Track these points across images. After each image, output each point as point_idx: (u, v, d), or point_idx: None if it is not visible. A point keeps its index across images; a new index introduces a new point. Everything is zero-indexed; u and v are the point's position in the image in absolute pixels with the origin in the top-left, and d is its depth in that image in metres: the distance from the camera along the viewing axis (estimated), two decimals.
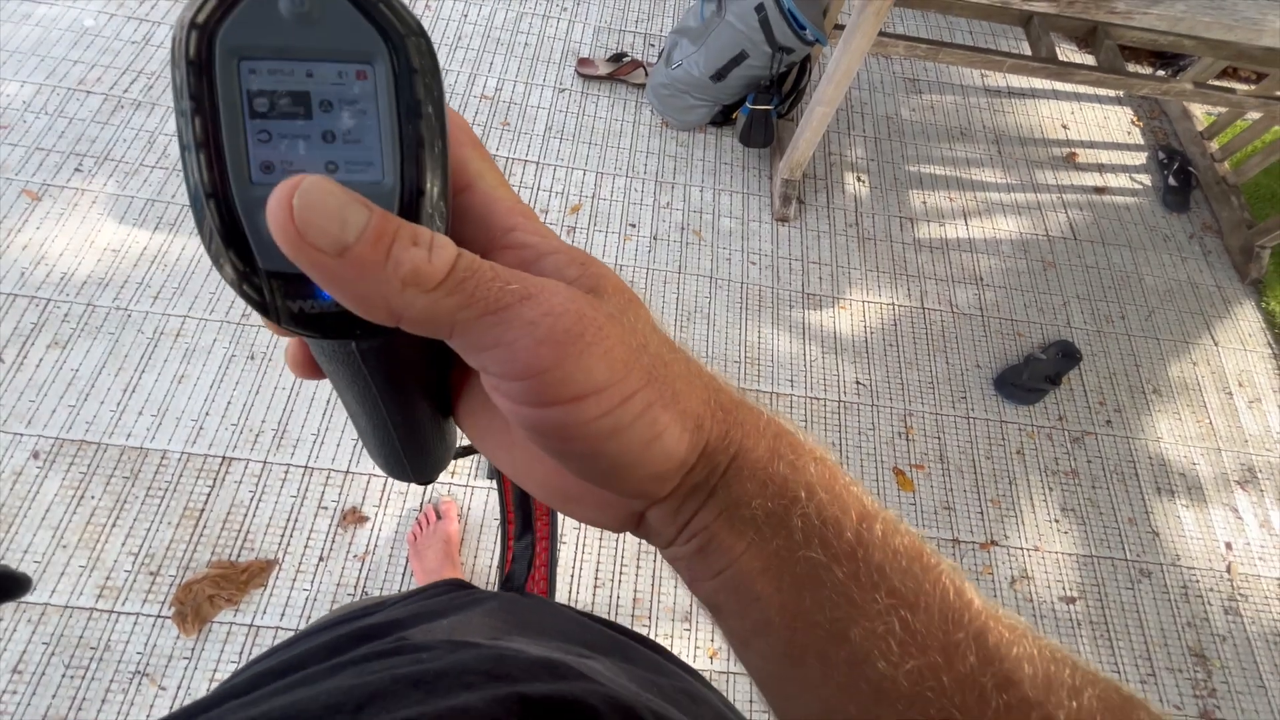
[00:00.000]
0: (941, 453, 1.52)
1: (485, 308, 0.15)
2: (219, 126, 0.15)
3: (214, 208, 0.15)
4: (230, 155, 0.15)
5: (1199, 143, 2.13)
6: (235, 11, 0.14)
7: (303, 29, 0.15)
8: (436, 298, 0.15)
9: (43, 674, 1.08)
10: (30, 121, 1.59)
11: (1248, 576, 1.47)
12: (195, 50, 0.14)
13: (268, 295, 0.16)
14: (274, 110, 0.15)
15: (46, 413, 1.27)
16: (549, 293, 0.16)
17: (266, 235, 0.15)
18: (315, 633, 0.42)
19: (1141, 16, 1.08)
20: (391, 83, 0.15)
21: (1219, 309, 1.86)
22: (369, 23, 0.15)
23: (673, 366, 0.18)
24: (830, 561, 0.18)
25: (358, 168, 0.16)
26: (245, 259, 0.15)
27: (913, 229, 1.86)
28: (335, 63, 0.15)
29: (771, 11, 1.54)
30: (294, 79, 0.15)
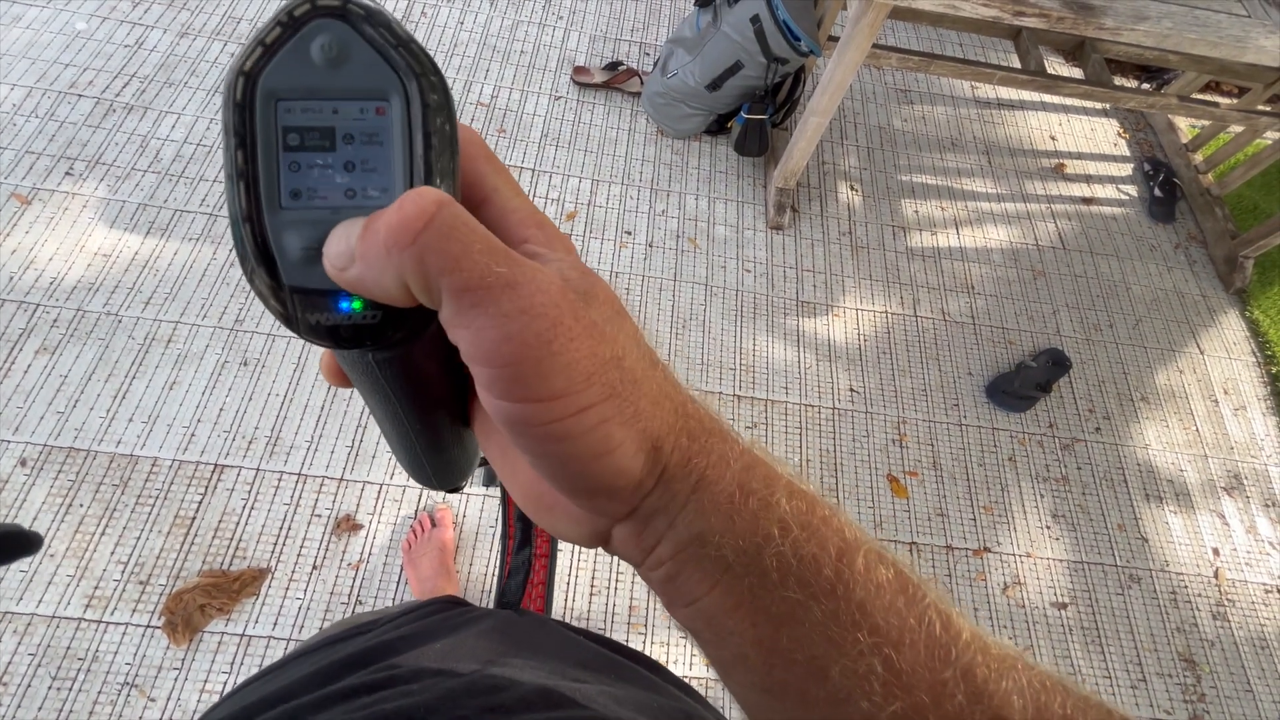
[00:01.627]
0: (935, 459, 1.54)
1: (466, 281, 0.15)
2: (256, 159, 0.16)
3: (249, 230, 0.17)
4: (264, 184, 0.16)
5: (1183, 155, 2.17)
6: (276, 58, 0.16)
7: (331, 71, 0.17)
8: (418, 256, 0.15)
9: (29, 685, 1.06)
10: (20, 125, 1.58)
11: (1235, 582, 1.49)
12: (241, 94, 0.16)
13: (290, 308, 0.17)
14: (303, 144, 0.17)
15: (35, 419, 1.25)
16: (533, 287, 0.16)
17: (291, 255, 0.17)
18: (307, 654, 0.41)
19: (1129, 32, 1.11)
20: (405, 117, 0.17)
21: (1204, 318, 1.89)
22: (387, 65, 0.17)
23: (644, 385, 0.17)
24: (808, 600, 0.17)
25: (374, 193, 0.17)
26: (274, 275, 0.17)
27: (905, 238, 1.88)
28: (357, 100, 0.17)
29: (767, 23, 1.56)
30: (322, 115, 0.17)
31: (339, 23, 0.16)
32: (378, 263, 0.15)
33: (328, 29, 0.16)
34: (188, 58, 1.77)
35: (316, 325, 0.17)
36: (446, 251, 0.15)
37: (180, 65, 1.75)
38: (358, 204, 0.17)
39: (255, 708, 0.31)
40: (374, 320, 0.17)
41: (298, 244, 0.17)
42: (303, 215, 0.17)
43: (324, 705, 0.29)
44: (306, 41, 0.16)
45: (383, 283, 0.15)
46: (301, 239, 0.17)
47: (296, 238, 0.17)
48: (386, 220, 0.15)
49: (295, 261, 0.17)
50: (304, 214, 0.17)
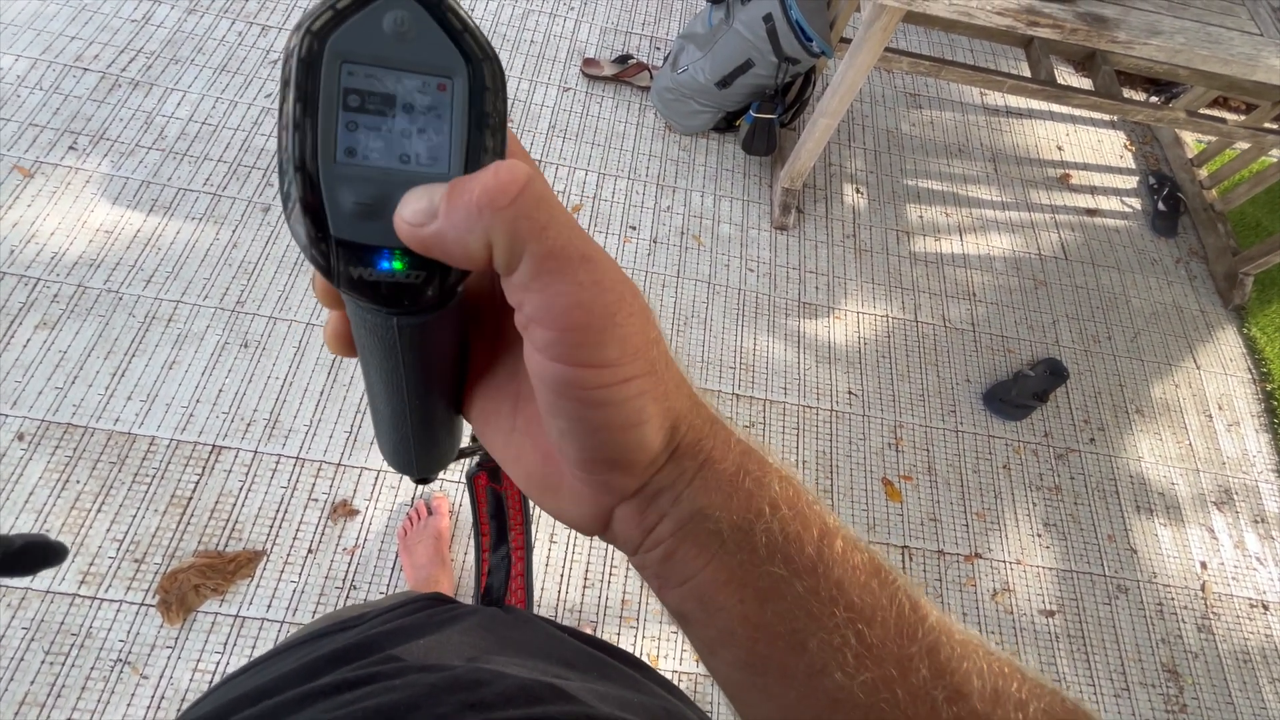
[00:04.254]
0: (930, 465, 1.55)
1: (551, 248, 0.16)
2: (317, 113, 0.17)
3: (300, 178, 0.17)
4: (322, 137, 0.17)
5: (1188, 169, 2.17)
6: (346, 24, 0.17)
7: (399, 44, 0.17)
8: (511, 218, 0.16)
9: (21, 659, 1.06)
10: (24, 97, 1.56)
11: (1221, 596, 1.51)
12: (308, 50, 0.17)
13: (333, 260, 0.18)
14: (364, 106, 0.17)
15: (33, 394, 1.25)
16: (605, 264, 0.17)
17: (340, 207, 0.17)
18: (292, 648, 0.41)
19: (1141, 46, 1.11)
20: (466, 96, 0.18)
21: (1202, 333, 1.90)
22: (454, 45, 0.18)
23: (672, 369, 0.19)
24: (792, 576, 0.19)
25: (428, 162, 0.18)
26: (319, 226, 0.17)
27: (909, 242, 1.88)
28: (421, 75, 0.18)
29: (779, 22, 1.56)
30: (385, 83, 0.17)
31: (412, 1, 0.17)
32: (465, 221, 0.16)
33: (401, 5, 0.17)
34: (194, 34, 1.76)
35: (358, 279, 0.18)
36: (536, 218, 0.16)
37: (187, 42, 1.74)
38: (411, 169, 0.18)
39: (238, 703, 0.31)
40: (415, 280, 0.18)
41: (350, 197, 0.17)
42: (356, 171, 0.17)
43: (306, 702, 0.29)
44: (379, 13, 0.17)
45: (465, 240, 0.16)
46: (353, 193, 0.17)
47: (348, 191, 0.17)
48: (483, 182, 0.16)
49: (346, 213, 0.17)
50: (357, 170, 0.17)
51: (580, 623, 1.24)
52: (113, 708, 1.06)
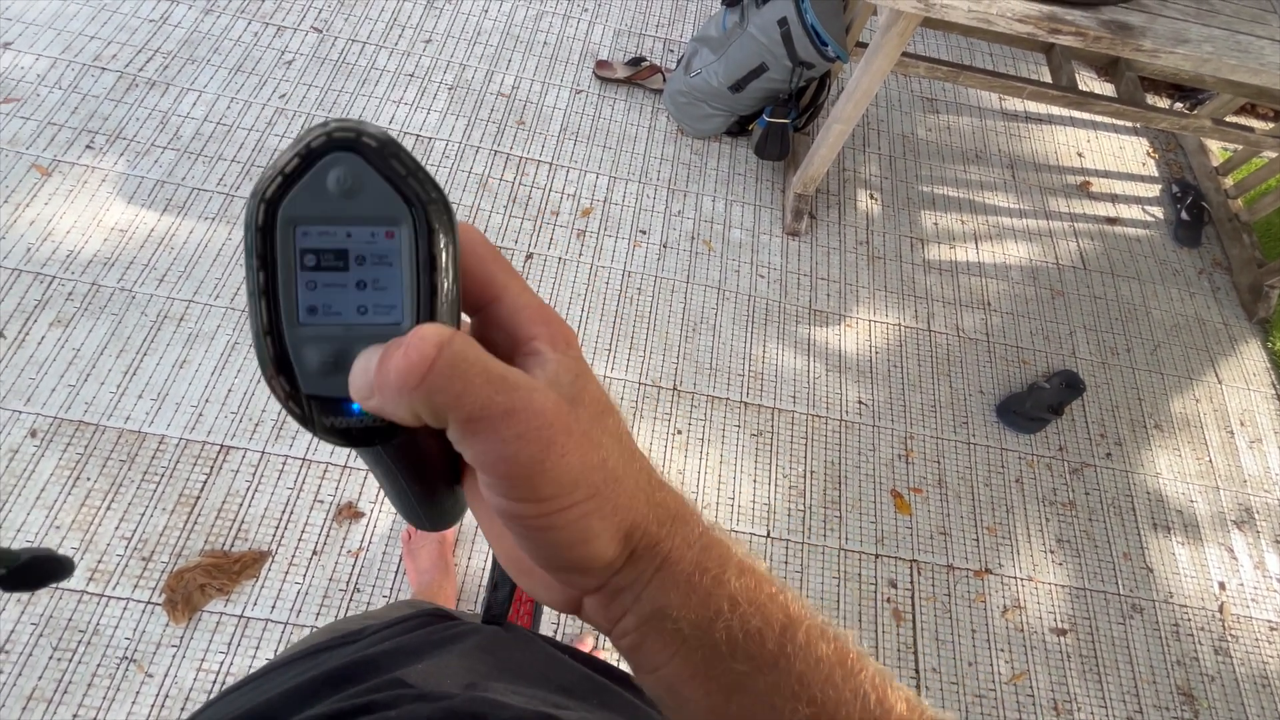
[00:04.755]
0: (940, 477, 1.52)
1: (469, 413, 0.17)
2: (277, 278, 0.18)
3: (270, 343, 0.19)
4: (284, 301, 0.18)
5: (1213, 178, 2.12)
6: (295, 188, 0.18)
7: (345, 200, 0.18)
8: (425, 395, 0.17)
9: (30, 655, 1.07)
10: (44, 95, 1.58)
11: (1240, 618, 1.47)
12: (263, 219, 0.18)
13: (308, 412, 0.19)
14: (320, 264, 0.18)
15: (46, 391, 1.27)
16: (529, 412, 0.17)
17: (308, 365, 0.19)
18: (293, 662, 0.41)
19: (1168, 55, 1.08)
20: (412, 241, 0.19)
21: (1224, 346, 1.85)
22: (397, 193, 0.18)
23: (624, 481, 0.20)
24: (754, 672, 0.19)
25: (383, 311, 0.19)
26: (292, 383, 0.19)
27: (923, 250, 1.85)
28: (369, 225, 0.18)
29: (794, 26, 1.54)
30: (336, 239, 0.18)
31: (352, 155, 0.18)
32: (392, 398, 0.17)
33: (342, 161, 0.18)
34: (211, 35, 1.77)
35: (331, 427, 0.19)
36: (450, 390, 0.17)
37: (204, 42, 1.75)
38: (369, 320, 0.19)
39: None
40: (383, 424, 0.19)
41: (314, 357, 0.19)
42: (319, 330, 0.19)
43: None
44: (323, 173, 0.18)
45: (399, 414, 0.17)
46: (318, 352, 0.19)
47: (313, 351, 0.19)
48: (396, 365, 0.17)
49: (312, 372, 0.19)
50: (320, 329, 0.19)
51: (582, 634, 1.23)
52: (118, 705, 1.06)
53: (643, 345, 1.56)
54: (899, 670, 1.30)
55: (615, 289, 1.62)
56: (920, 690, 1.29)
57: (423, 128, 1.74)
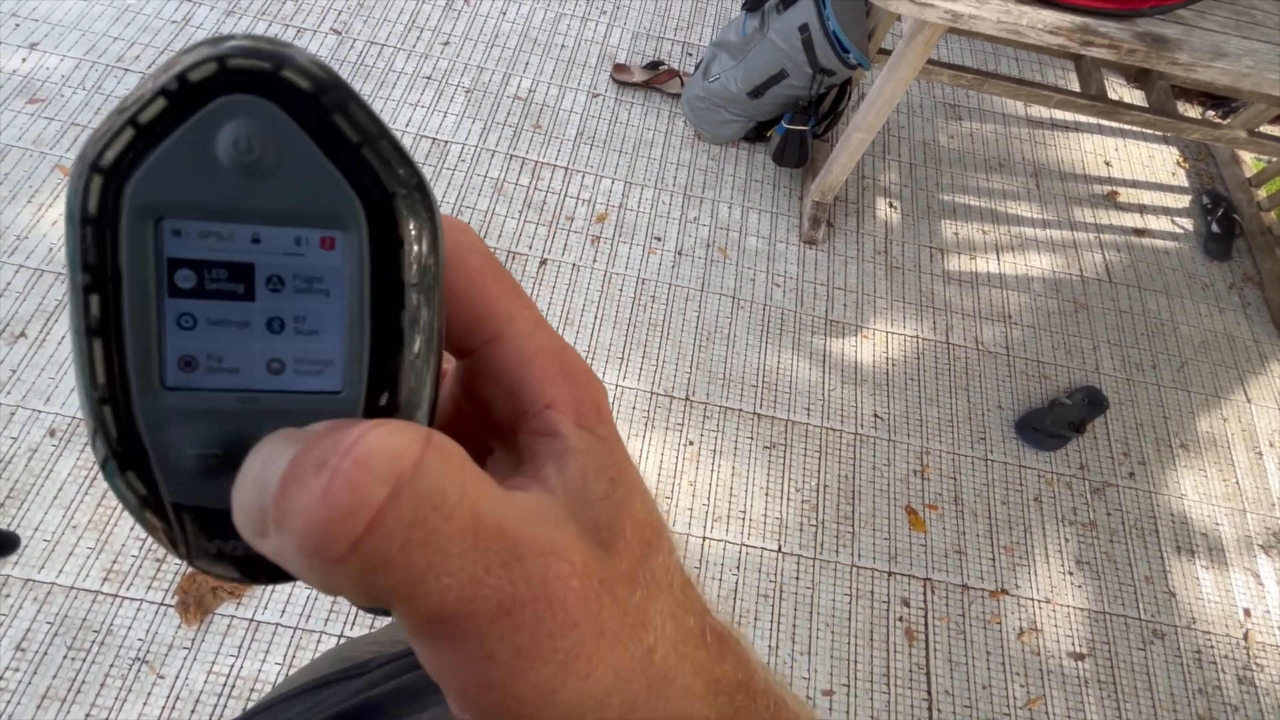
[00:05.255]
0: (956, 494, 1.49)
1: (436, 610, 0.10)
2: (122, 308, 0.11)
3: (108, 414, 0.11)
4: (134, 348, 0.11)
5: (1245, 190, 2.06)
6: (154, 154, 0.11)
7: (248, 181, 0.11)
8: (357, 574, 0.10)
9: (45, 653, 1.09)
10: (68, 96, 1.60)
11: (1265, 646, 1.43)
12: (97, 203, 0.11)
13: (176, 530, 0.12)
14: (203, 287, 0.11)
15: (65, 391, 1.28)
16: (542, 605, 0.11)
17: (177, 459, 0.11)
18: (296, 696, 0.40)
19: (1205, 70, 1.04)
20: (366, 256, 0.12)
21: (1255, 364, 1.80)
22: (341, 174, 0.11)
23: (674, 679, 0.13)
24: None
25: (309, 369, 0.12)
26: (148, 484, 0.12)
27: (942, 260, 1.82)
28: (292, 227, 0.11)
29: (815, 32, 1.51)
30: (234, 246, 0.11)
31: (265, 102, 0.11)
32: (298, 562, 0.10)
33: (246, 111, 0.11)
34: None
35: (218, 554, 0.12)
36: (405, 566, 0.10)
37: None
38: (283, 386, 0.12)
39: None
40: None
41: (187, 445, 0.12)
42: (197, 400, 0.12)
43: None
44: (210, 128, 0.11)
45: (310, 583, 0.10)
46: (193, 437, 0.12)
47: (185, 434, 0.12)
48: (306, 512, 0.09)
49: (182, 470, 0.12)
50: (198, 399, 0.12)
51: None
52: (129, 706, 1.07)
53: (655, 354, 1.54)
54: (910, 692, 1.28)
55: (629, 296, 1.61)
56: (932, 714, 1.27)
57: (439, 131, 1.74)
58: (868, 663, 1.29)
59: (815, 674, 1.27)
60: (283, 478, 0.10)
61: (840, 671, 1.28)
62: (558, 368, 0.14)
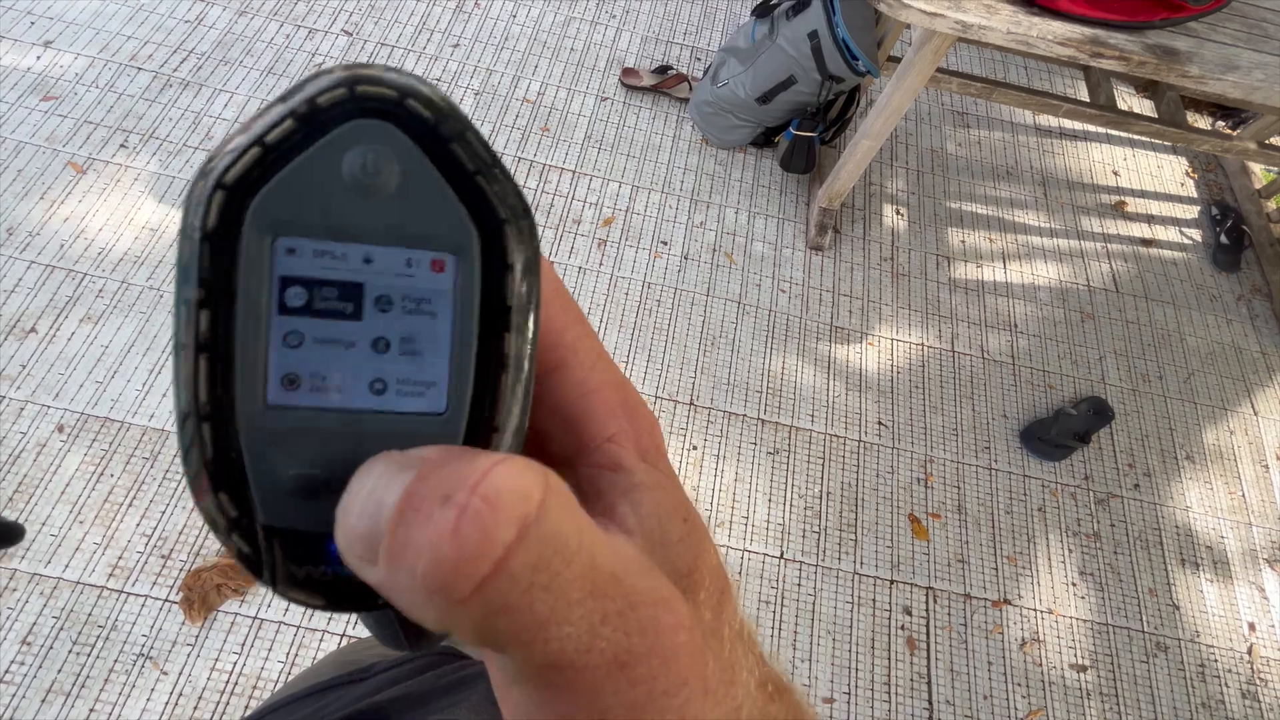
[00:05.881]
0: (960, 503, 1.49)
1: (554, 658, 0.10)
2: (233, 324, 0.11)
3: (206, 433, 0.11)
4: (242, 364, 0.11)
5: (1255, 201, 2.05)
6: (280, 173, 0.11)
7: (368, 202, 0.11)
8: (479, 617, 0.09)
9: (50, 648, 1.10)
10: (81, 94, 1.61)
11: (1270, 660, 1.42)
12: (218, 218, 0.11)
13: (265, 553, 0.12)
14: (312, 306, 0.11)
15: (74, 387, 1.29)
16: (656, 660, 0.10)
17: (275, 480, 0.11)
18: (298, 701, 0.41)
19: (1215, 83, 1.04)
20: (477, 280, 0.12)
21: (1262, 376, 1.79)
22: (458, 199, 0.12)
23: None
24: None
25: (413, 390, 0.12)
26: (240, 505, 0.11)
27: (949, 268, 1.82)
28: (405, 248, 0.12)
29: (825, 39, 1.51)
30: (346, 265, 0.11)
31: (391, 127, 0.11)
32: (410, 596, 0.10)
33: (370, 137, 0.11)
34: (245, 36, 1.79)
35: (305, 580, 0.12)
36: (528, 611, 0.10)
37: (237, 44, 1.78)
38: (386, 406, 0.12)
39: None
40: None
41: (287, 465, 0.11)
42: (299, 419, 0.11)
43: None
44: (336, 151, 0.11)
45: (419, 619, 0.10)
46: (293, 458, 0.11)
47: (286, 455, 0.11)
48: (433, 548, 0.09)
49: (280, 490, 0.11)
50: (301, 417, 0.11)
51: None
52: (133, 701, 1.08)
53: (660, 358, 1.55)
54: (911, 701, 1.28)
55: (635, 300, 1.61)
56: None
57: None
58: (869, 671, 1.29)
59: (816, 681, 1.27)
60: (400, 507, 0.10)
61: (841, 679, 1.27)
62: (619, 401, 0.14)
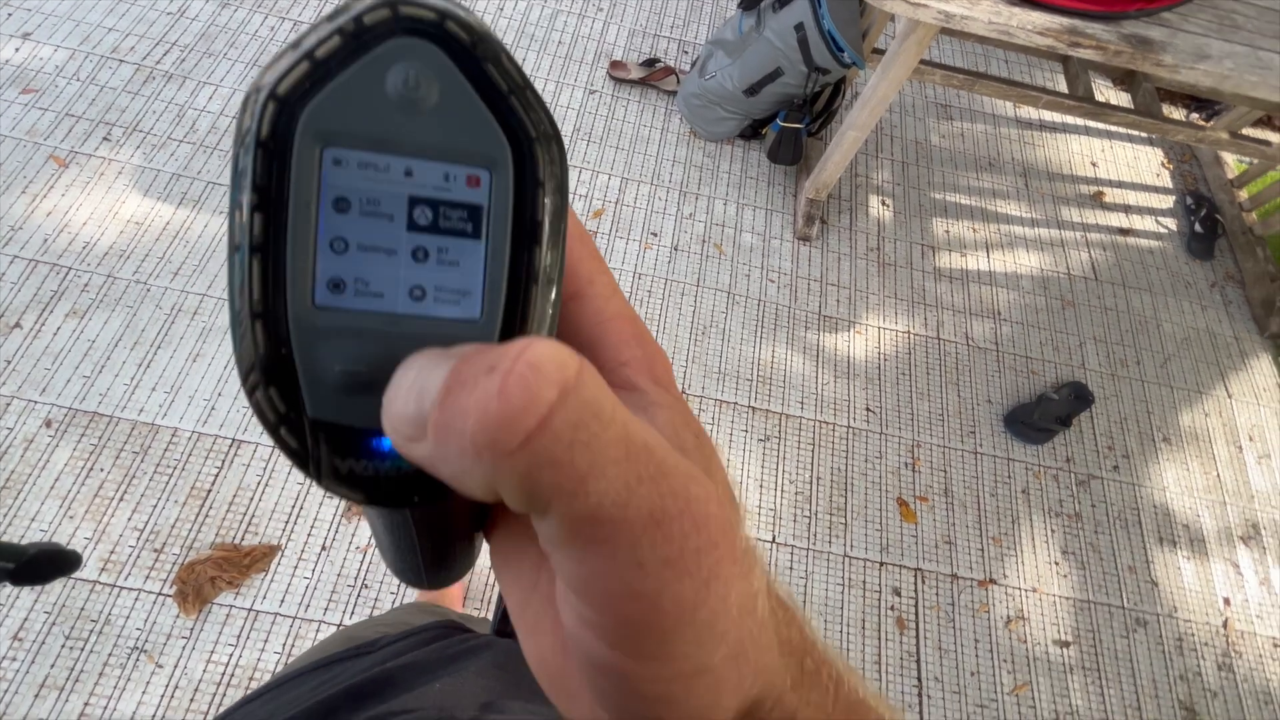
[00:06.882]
0: (946, 486, 1.52)
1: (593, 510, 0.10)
2: (284, 228, 0.12)
3: (260, 331, 0.12)
4: (293, 266, 0.12)
5: (1228, 190, 2.11)
6: (328, 86, 0.11)
7: (409, 117, 0.12)
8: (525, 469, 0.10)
9: (43, 643, 1.09)
10: (62, 87, 1.59)
11: (1244, 633, 1.47)
12: (271, 128, 0.11)
13: (311, 447, 0.12)
14: (357, 214, 0.12)
15: (61, 382, 1.28)
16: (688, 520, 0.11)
17: (323, 375, 0.12)
18: (306, 673, 0.41)
19: (1188, 71, 1.07)
20: (510, 195, 0.13)
21: (1235, 361, 1.84)
22: (494, 118, 0.12)
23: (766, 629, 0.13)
24: None
25: (449, 297, 0.13)
26: (290, 400, 0.12)
27: (934, 257, 1.85)
28: (443, 162, 0.12)
29: (811, 31, 1.53)
30: (388, 177, 0.12)
31: (431, 46, 0.12)
32: (460, 459, 0.10)
33: (413, 54, 0.12)
34: (228, 28, 1.77)
35: (348, 475, 0.13)
36: (570, 465, 0.10)
37: (220, 36, 1.76)
38: (425, 312, 0.13)
39: None
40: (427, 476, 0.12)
41: (334, 361, 0.12)
42: (344, 320, 0.12)
43: None
44: (380, 66, 0.12)
45: (465, 483, 0.11)
46: (340, 354, 0.12)
47: (333, 351, 0.12)
48: (481, 408, 0.10)
49: (327, 385, 0.12)
50: (346, 318, 0.12)
51: None
52: (128, 695, 1.08)
53: None
54: (900, 679, 1.31)
55: (625, 291, 1.62)
56: (922, 700, 1.29)
57: None
58: (859, 651, 1.32)
59: None
60: (447, 383, 0.11)
61: None
62: (634, 334, 0.15)
